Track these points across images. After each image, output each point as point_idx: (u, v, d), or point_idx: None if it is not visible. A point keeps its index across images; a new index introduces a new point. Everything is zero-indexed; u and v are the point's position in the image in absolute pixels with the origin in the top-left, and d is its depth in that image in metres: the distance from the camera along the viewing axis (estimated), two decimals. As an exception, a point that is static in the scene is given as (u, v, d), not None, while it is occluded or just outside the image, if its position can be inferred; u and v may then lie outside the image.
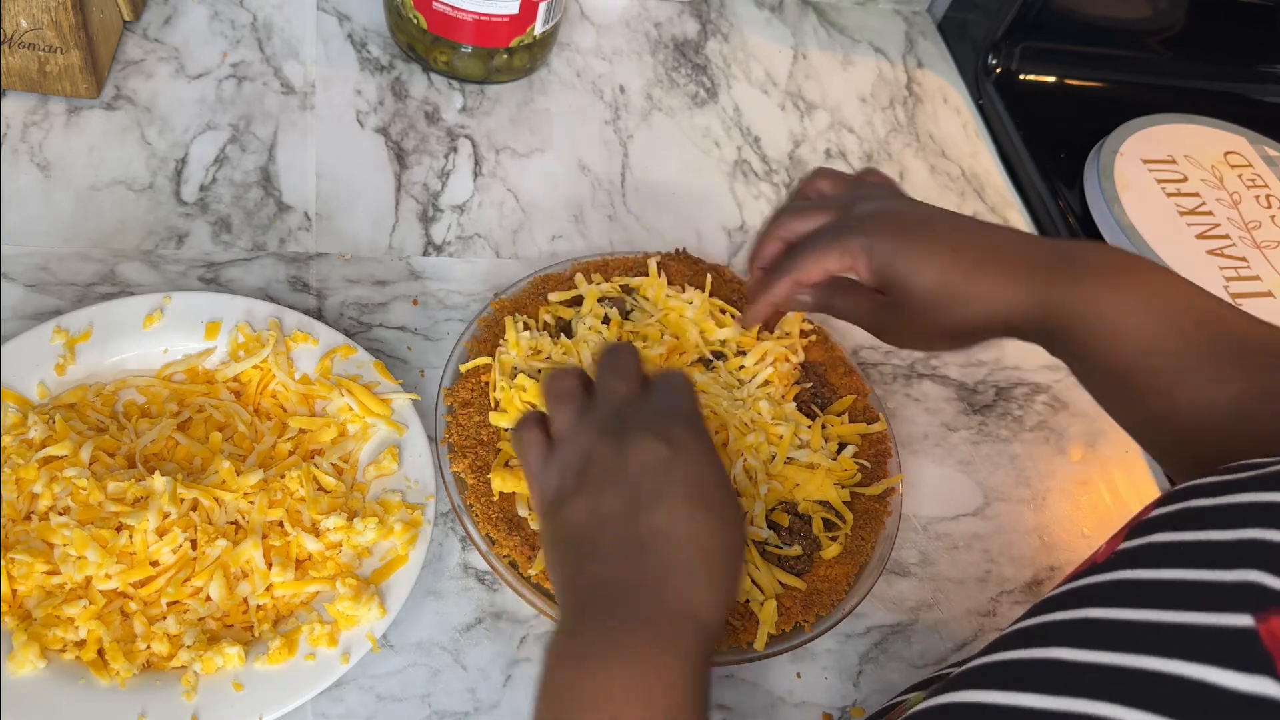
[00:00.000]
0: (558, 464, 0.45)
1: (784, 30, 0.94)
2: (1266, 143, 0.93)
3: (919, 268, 0.50)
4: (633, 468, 0.43)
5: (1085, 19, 0.95)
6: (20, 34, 0.62)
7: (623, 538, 0.42)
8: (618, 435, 0.44)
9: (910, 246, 0.50)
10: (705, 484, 0.44)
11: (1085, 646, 0.31)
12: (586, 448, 0.45)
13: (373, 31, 0.80)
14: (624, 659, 0.39)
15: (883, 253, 0.50)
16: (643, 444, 0.44)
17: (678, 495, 0.43)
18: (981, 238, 0.51)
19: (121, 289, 0.61)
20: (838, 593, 0.56)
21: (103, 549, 0.48)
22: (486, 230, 0.71)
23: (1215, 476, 0.35)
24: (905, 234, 0.51)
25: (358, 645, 0.50)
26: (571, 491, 0.44)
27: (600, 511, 0.43)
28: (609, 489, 0.43)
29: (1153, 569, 0.33)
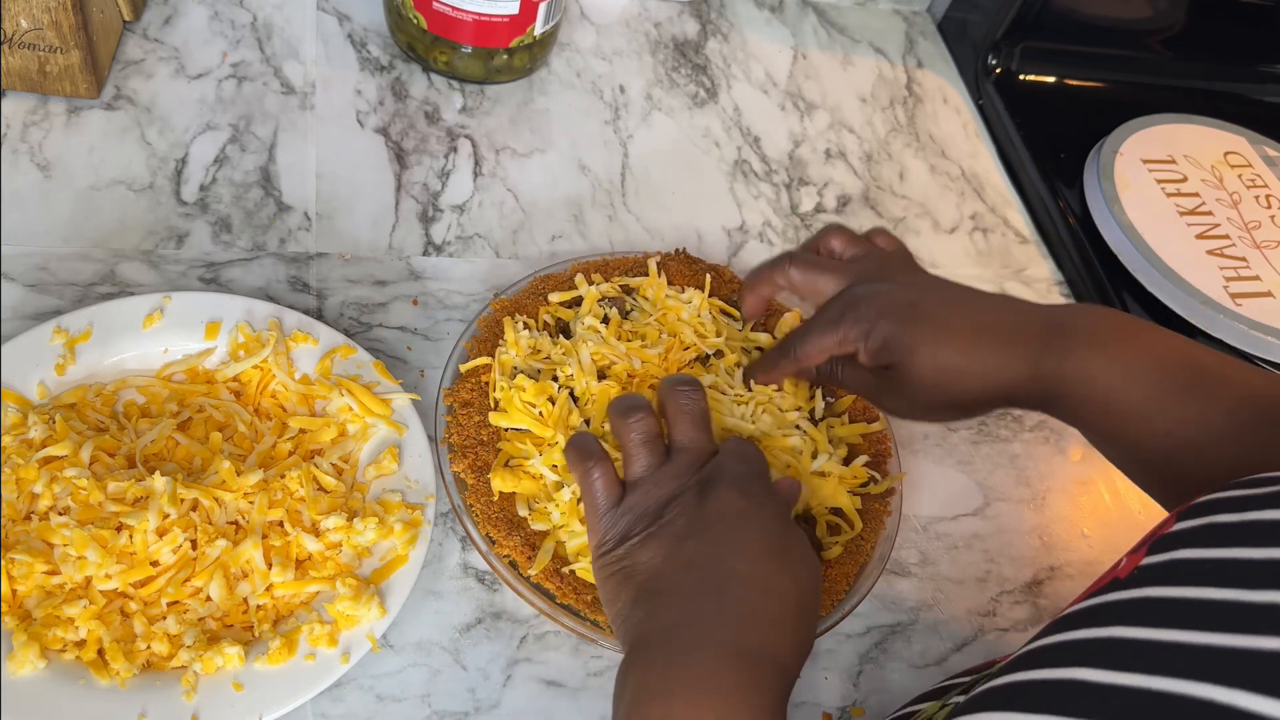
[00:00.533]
0: (632, 508, 0.47)
1: (784, 30, 0.94)
2: (1266, 143, 0.93)
3: (916, 351, 0.51)
4: (712, 516, 0.46)
5: (1085, 19, 0.95)
6: (20, 34, 0.62)
7: (702, 581, 0.44)
8: (700, 485, 0.47)
9: (906, 330, 0.52)
10: (782, 538, 0.46)
11: (1110, 668, 0.31)
12: (666, 495, 0.47)
13: (373, 31, 0.80)
14: (713, 692, 0.41)
15: (879, 337, 0.52)
16: (723, 495, 0.46)
17: (756, 545, 0.45)
18: (974, 313, 0.53)
19: (121, 289, 0.61)
20: (838, 593, 0.56)
21: (103, 549, 0.48)
22: (486, 230, 0.71)
23: (1237, 491, 0.35)
24: (902, 316, 0.52)
25: (358, 645, 0.50)
26: (647, 534, 0.46)
27: (680, 556, 0.45)
28: (688, 536, 0.45)
29: (1178, 587, 0.32)
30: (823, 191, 0.83)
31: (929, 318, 0.52)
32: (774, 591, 0.44)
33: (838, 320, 0.54)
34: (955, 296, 0.54)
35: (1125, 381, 0.49)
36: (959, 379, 0.51)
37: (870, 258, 0.57)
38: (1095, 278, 0.80)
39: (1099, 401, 0.50)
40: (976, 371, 0.51)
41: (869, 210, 0.82)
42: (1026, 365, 0.51)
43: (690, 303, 0.64)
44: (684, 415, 0.51)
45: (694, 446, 0.50)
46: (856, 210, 0.82)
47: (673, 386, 0.52)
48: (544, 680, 0.53)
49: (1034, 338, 0.51)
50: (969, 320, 0.52)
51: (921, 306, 0.53)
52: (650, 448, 0.49)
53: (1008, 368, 0.51)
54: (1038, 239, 0.85)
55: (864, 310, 0.53)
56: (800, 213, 0.80)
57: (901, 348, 0.52)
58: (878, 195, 0.84)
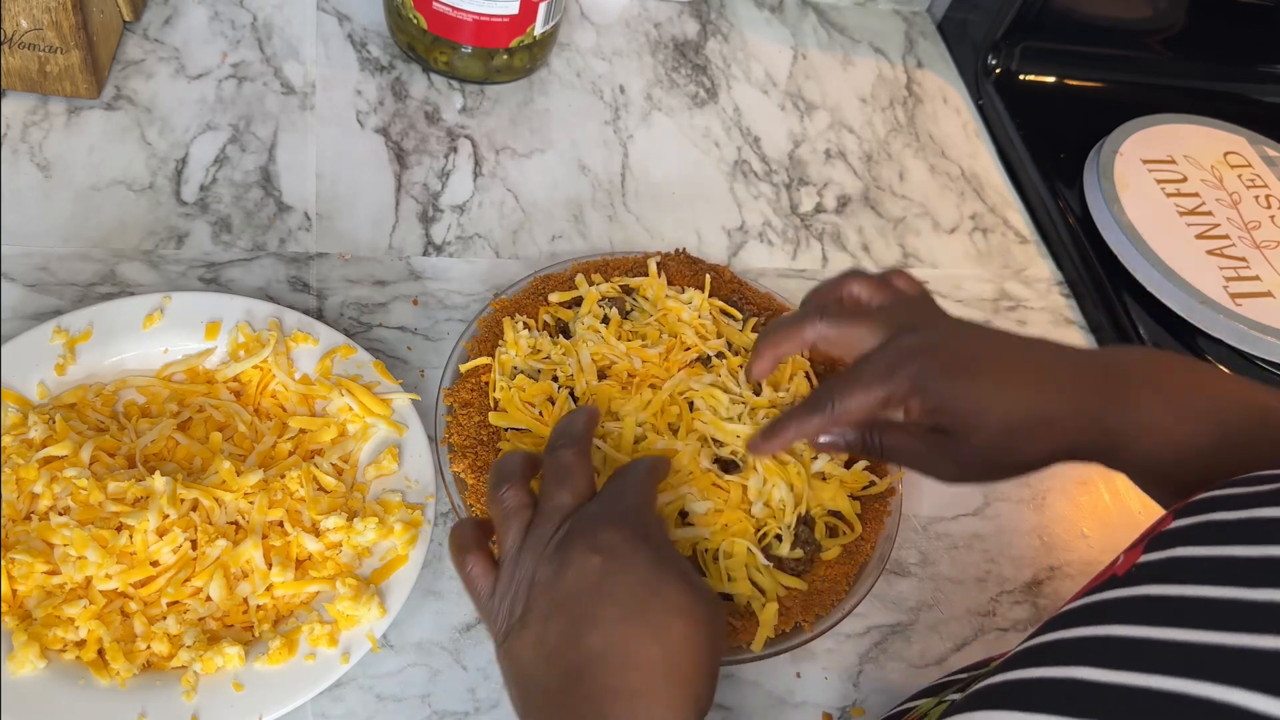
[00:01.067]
0: (503, 593, 0.44)
1: (784, 30, 0.94)
2: (1266, 143, 0.93)
3: (984, 409, 0.47)
4: (569, 589, 0.42)
5: (1085, 19, 0.95)
6: (20, 34, 0.62)
7: (563, 672, 0.41)
8: (556, 554, 0.43)
9: (969, 387, 0.48)
10: (643, 590, 0.42)
11: (1108, 666, 0.31)
12: (528, 573, 0.43)
13: (373, 31, 0.80)
14: None
15: (940, 393, 0.48)
16: (577, 561, 0.42)
17: (612, 610, 0.41)
18: (1033, 363, 0.49)
19: (121, 289, 0.61)
20: (838, 593, 0.56)
21: (103, 549, 0.48)
22: (486, 230, 0.71)
23: (1235, 489, 0.34)
24: (960, 373, 0.48)
25: (358, 645, 0.50)
26: (518, 625, 0.43)
27: (545, 644, 0.42)
28: (550, 618, 0.42)
29: (1176, 585, 0.32)
30: (823, 191, 0.83)
31: (990, 371, 0.48)
32: (631, 664, 0.40)
33: (887, 374, 0.49)
34: (1008, 346, 0.50)
35: (1193, 430, 0.46)
36: (1025, 438, 0.47)
37: (901, 304, 0.54)
38: (1095, 278, 0.80)
39: (1166, 453, 0.47)
40: (1042, 430, 0.47)
41: (869, 210, 0.82)
42: (1091, 418, 0.47)
43: (690, 303, 0.64)
44: (548, 477, 0.46)
45: (554, 508, 0.45)
46: (856, 210, 0.82)
47: (548, 448, 0.48)
48: (544, 680, 0.53)
49: (1096, 387, 0.48)
50: (1029, 372, 0.48)
51: (981, 359, 0.49)
52: (517, 519, 0.46)
53: (1074, 422, 0.47)
54: (1038, 239, 0.85)
55: (915, 366, 0.48)
56: (800, 213, 0.80)
57: (963, 409, 0.47)
58: (878, 195, 0.84)
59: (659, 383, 0.60)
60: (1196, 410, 0.47)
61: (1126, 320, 0.77)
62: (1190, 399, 0.48)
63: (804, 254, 0.78)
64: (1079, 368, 0.49)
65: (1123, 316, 0.78)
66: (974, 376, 0.48)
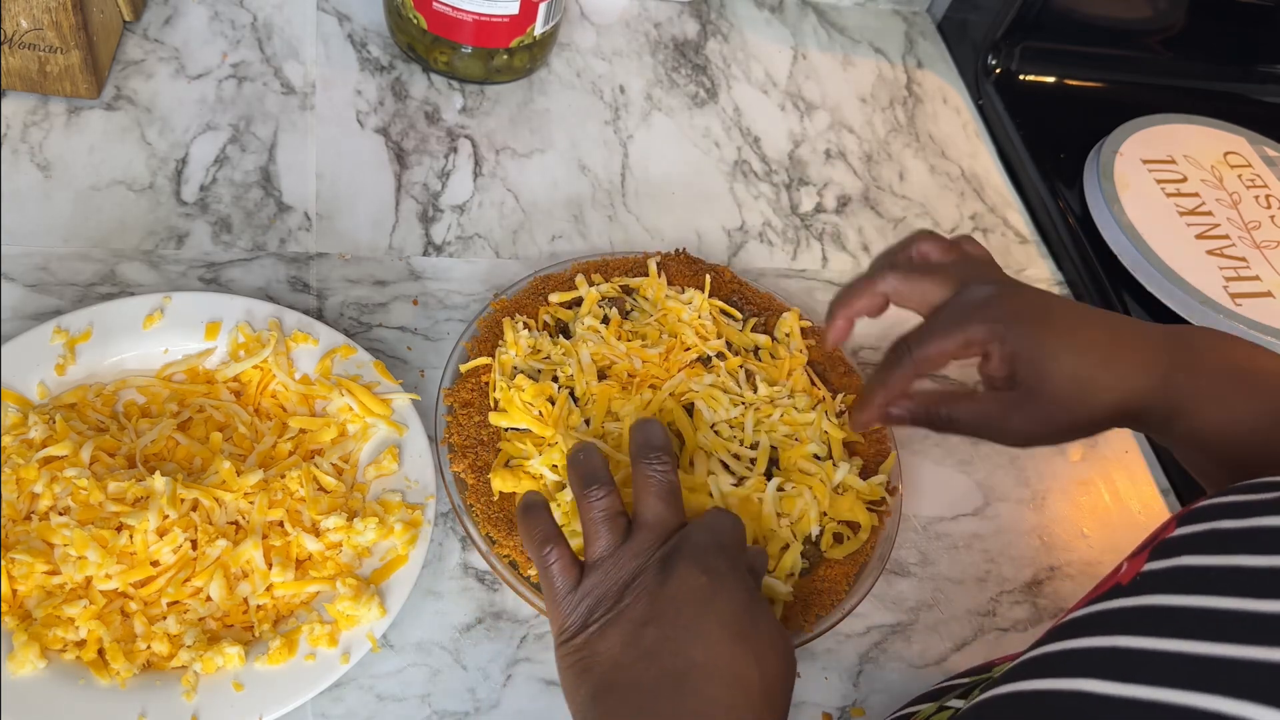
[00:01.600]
0: (588, 591, 0.45)
1: (784, 30, 0.94)
2: (1266, 143, 0.93)
3: (1058, 355, 0.47)
4: (672, 600, 0.43)
5: (1085, 19, 0.95)
6: (20, 34, 0.62)
7: (662, 673, 0.42)
8: (662, 566, 0.44)
9: (1044, 333, 0.48)
10: (746, 617, 0.43)
11: (1116, 679, 0.31)
12: (626, 576, 0.45)
13: (373, 32, 0.80)
14: None
15: (1016, 339, 0.48)
16: (683, 573, 0.43)
17: (718, 629, 0.42)
18: (1103, 322, 0.50)
19: (121, 289, 0.61)
20: (837, 593, 0.56)
21: (103, 549, 0.48)
22: (486, 230, 0.71)
23: (1239, 495, 0.34)
24: (1036, 320, 0.48)
25: (358, 645, 0.50)
26: (606, 621, 0.44)
27: (639, 645, 0.42)
28: (647, 621, 0.43)
29: (1182, 595, 0.32)
30: (822, 192, 0.83)
31: (1062, 324, 0.48)
32: (736, 682, 0.42)
33: (963, 321, 0.49)
34: (1078, 306, 0.51)
35: (1253, 408, 0.46)
36: (1095, 390, 0.48)
37: (970, 262, 0.54)
38: (1095, 278, 0.80)
39: (1224, 426, 0.47)
40: (1112, 383, 0.48)
41: (869, 210, 0.82)
42: (1157, 378, 0.47)
43: (690, 303, 0.64)
44: (649, 489, 0.47)
45: (658, 522, 0.47)
46: (856, 210, 0.82)
47: (641, 457, 0.49)
48: (544, 680, 0.53)
49: (1165, 349, 0.48)
50: (1100, 329, 0.49)
51: (1053, 312, 0.49)
52: (611, 525, 0.47)
53: (1140, 380, 0.48)
54: (1037, 239, 0.85)
55: (993, 311, 0.49)
56: (800, 213, 0.80)
57: (1038, 355, 0.47)
58: (878, 195, 0.84)
59: (659, 383, 0.60)
60: (1260, 387, 0.47)
61: (1126, 320, 0.78)
62: (1255, 377, 0.48)
63: (804, 254, 0.78)
64: (1149, 332, 0.50)
65: (1123, 316, 0.78)
66: (1047, 323, 0.48)
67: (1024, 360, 0.48)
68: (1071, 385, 0.48)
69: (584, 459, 0.49)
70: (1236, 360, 0.49)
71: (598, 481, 0.48)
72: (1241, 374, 0.48)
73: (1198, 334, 0.51)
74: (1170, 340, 0.49)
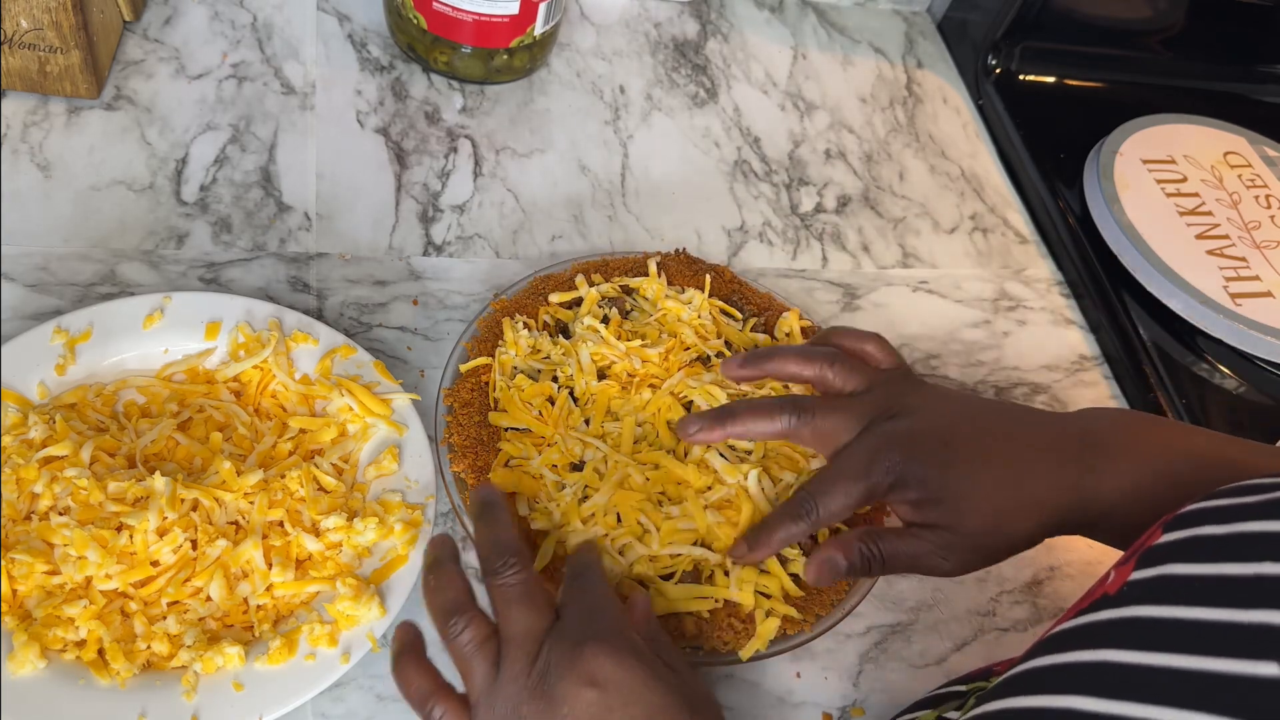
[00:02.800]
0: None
1: (784, 30, 0.94)
2: (1266, 143, 0.93)
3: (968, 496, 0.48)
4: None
5: (1085, 19, 0.95)
6: (20, 34, 0.62)
7: None
8: (542, 690, 0.40)
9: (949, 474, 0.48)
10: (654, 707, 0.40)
11: (1105, 695, 0.30)
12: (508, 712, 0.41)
13: (373, 32, 0.80)
14: None
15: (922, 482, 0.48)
16: (569, 697, 0.40)
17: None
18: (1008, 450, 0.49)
19: (121, 289, 0.61)
20: (838, 592, 0.56)
21: (103, 549, 0.48)
22: (486, 230, 0.71)
23: (1224, 500, 0.34)
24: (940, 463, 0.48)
25: (358, 645, 0.50)
26: None
27: None
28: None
29: (1168, 606, 0.32)
30: (823, 192, 0.83)
31: (965, 463, 0.48)
32: None
33: (866, 470, 0.49)
34: (980, 429, 0.50)
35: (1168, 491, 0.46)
36: (1014, 516, 0.48)
37: (877, 387, 0.53)
38: (1095, 278, 0.80)
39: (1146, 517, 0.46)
40: (1027, 508, 0.48)
41: (869, 210, 0.82)
42: (1071, 487, 0.48)
43: (690, 303, 0.64)
44: (506, 600, 0.44)
45: (525, 634, 0.42)
46: (856, 210, 0.82)
47: (488, 570, 0.45)
48: (544, 680, 0.53)
49: (1073, 457, 0.48)
50: (1004, 458, 0.49)
51: (957, 450, 0.49)
52: (482, 655, 0.43)
53: (1055, 496, 0.48)
54: (1037, 239, 0.85)
55: (898, 454, 0.49)
56: (800, 213, 0.80)
57: (946, 497, 0.48)
58: (878, 195, 0.84)
59: (659, 383, 0.60)
60: (1171, 470, 0.48)
61: (1126, 320, 0.77)
62: (1164, 458, 0.48)
63: (804, 254, 0.78)
64: (1054, 438, 0.50)
65: (1122, 316, 0.78)
66: (951, 464, 0.48)
67: (934, 503, 0.48)
68: (988, 520, 0.48)
69: (438, 593, 0.45)
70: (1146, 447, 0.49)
71: (454, 612, 0.44)
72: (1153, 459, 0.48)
73: (1106, 427, 0.50)
74: (1077, 444, 0.49)
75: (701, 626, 0.53)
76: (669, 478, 0.56)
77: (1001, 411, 0.52)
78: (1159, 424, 0.50)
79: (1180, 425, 0.49)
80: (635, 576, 0.54)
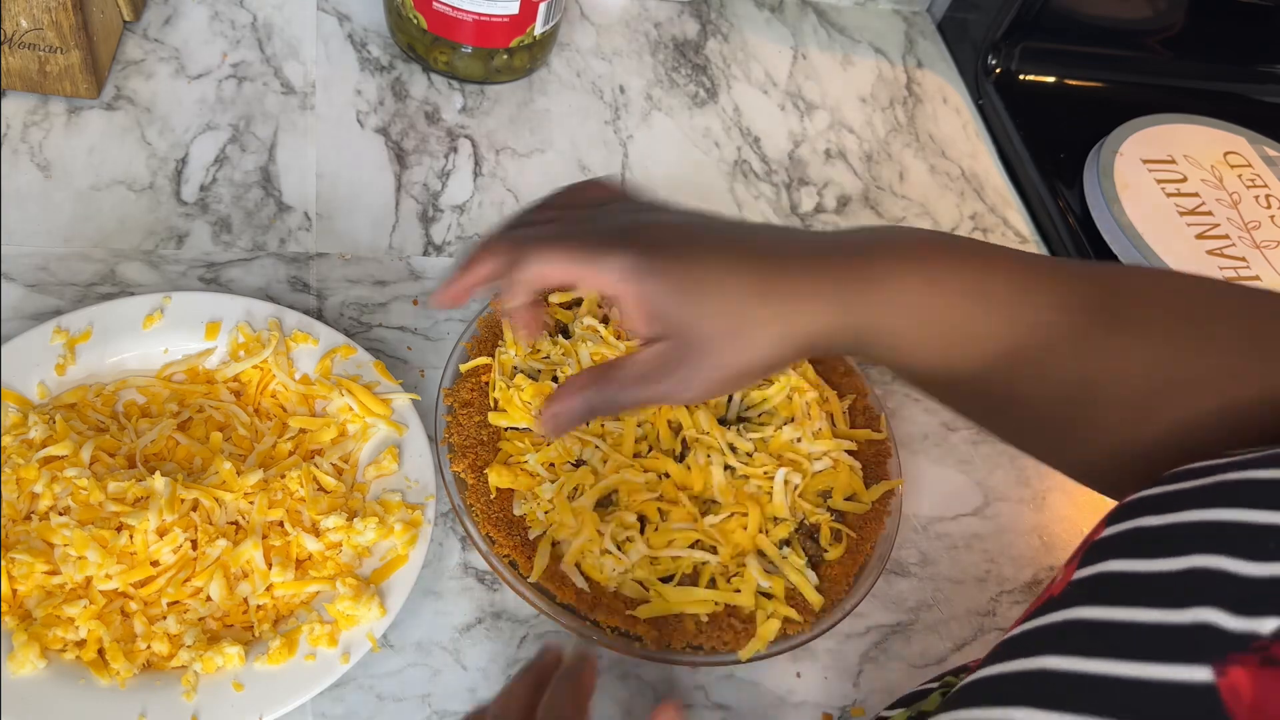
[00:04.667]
0: None
1: (784, 30, 0.94)
2: (1266, 143, 0.93)
3: (710, 297, 0.39)
4: None
5: (1085, 19, 0.95)
6: (20, 34, 0.62)
7: None
8: None
9: (693, 272, 0.39)
10: None
11: (1045, 707, 0.29)
12: None
13: (373, 31, 0.80)
14: None
15: (661, 276, 0.39)
16: None
17: None
18: (766, 249, 0.41)
19: (121, 289, 0.61)
20: (838, 592, 0.56)
21: (103, 549, 0.48)
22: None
23: (1167, 486, 0.33)
24: (679, 255, 0.39)
25: (358, 645, 0.50)
26: None
27: None
28: None
29: (1106, 607, 0.30)
30: (823, 191, 0.83)
31: (713, 252, 0.40)
32: None
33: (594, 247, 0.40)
34: (740, 230, 0.42)
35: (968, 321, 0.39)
36: (759, 326, 0.39)
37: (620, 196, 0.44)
38: (1095, 278, 0.80)
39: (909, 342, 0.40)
40: (782, 316, 0.39)
41: (869, 210, 0.82)
42: (837, 303, 0.39)
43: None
44: None
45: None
46: (857, 210, 0.82)
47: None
48: (544, 680, 0.53)
49: (841, 268, 0.40)
50: (762, 255, 0.40)
51: (701, 239, 0.40)
52: None
53: (817, 307, 0.39)
54: (1038, 239, 0.85)
55: (628, 241, 0.39)
56: (800, 212, 0.80)
57: (684, 291, 0.39)
58: (878, 195, 0.84)
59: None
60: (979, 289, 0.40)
61: (1126, 320, 0.77)
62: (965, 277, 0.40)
63: (804, 254, 0.78)
64: (828, 247, 0.41)
65: (1123, 316, 0.78)
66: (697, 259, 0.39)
67: (671, 301, 0.39)
68: (730, 323, 0.39)
69: None
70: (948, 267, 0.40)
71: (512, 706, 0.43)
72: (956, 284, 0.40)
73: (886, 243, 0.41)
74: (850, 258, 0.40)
75: (702, 627, 0.53)
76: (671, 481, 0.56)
77: (768, 227, 0.43)
78: (964, 245, 0.41)
79: (998, 247, 0.41)
80: (636, 578, 0.54)
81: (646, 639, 0.52)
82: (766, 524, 0.57)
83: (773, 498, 0.57)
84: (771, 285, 0.39)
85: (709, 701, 0.54)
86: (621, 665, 0.54)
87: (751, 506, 0.56)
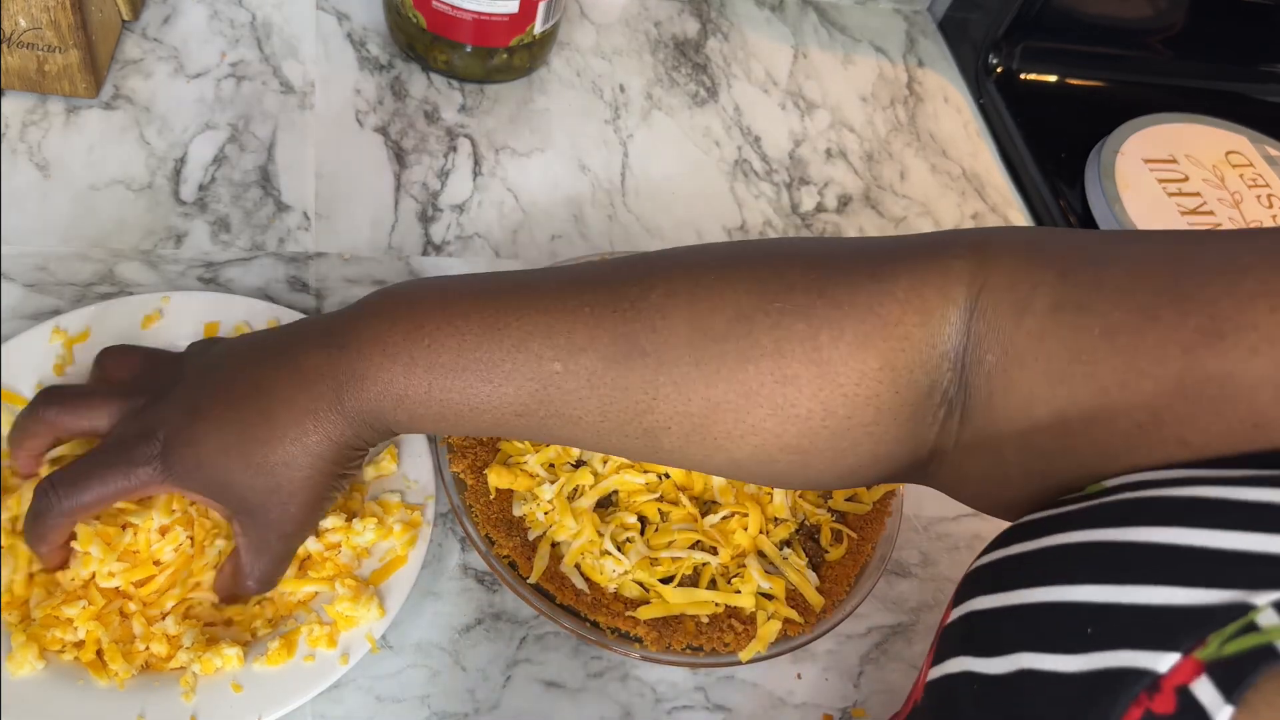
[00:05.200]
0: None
1: (784, 30, 0.94)
2: (1268, 142, 0.93)
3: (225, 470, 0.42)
4: None
5: (1086, 18, 0.95)
6: (19, 33, 0.62)
7: None
8: None
9: (205, 449, 0.42)
10: None
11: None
12: None
13: (372, 31, 0.80)
14: None
15: (185, 483, 0.43)
16: None
17: None
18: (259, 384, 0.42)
19: (120, 289, 0.61)
20: (838, 593, 0.56)
21: (106, 545, 0.48)
22: (486, 230, 0.71)
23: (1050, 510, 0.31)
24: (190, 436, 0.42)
25: (357, 646, 0.49)
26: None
27: None
28: None
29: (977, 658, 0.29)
30: (823, 191, 0.82)
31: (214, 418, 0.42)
32: None
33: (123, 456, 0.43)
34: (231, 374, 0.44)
35: None
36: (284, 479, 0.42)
37: (145, 370, 0.49)
38: (1096, 277, 0.80)
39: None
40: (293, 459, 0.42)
41: (870, 210, 0.82)
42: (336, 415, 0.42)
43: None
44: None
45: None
46: (857, 210, 0.82)
47: None
48: (544, 681, 0.53)
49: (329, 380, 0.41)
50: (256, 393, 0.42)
51: (202, 410, 0.43)
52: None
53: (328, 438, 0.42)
54: (1039, 238, 0.85)
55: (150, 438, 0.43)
56: (801, 212, 0.80)
57: (205, 473, 0.42)
58: (878, 195, 0.84)
59: None
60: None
61: (1128, 320, 0.77)
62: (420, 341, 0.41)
63: (804, 253, 0.77)
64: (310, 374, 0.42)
65: (1124, 316, 0.78)
66: (204, 435, 0.42)
67: (212, 491, 0.43)
68: (260, 493, 0.42)
69: None
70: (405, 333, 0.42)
71: None
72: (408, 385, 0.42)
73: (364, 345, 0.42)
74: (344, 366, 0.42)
75: (702, 628, 0.53)
76: (671, 482, 0.56)
77: (256, 349, 0.44)
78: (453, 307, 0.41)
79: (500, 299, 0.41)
80: (636, 579, 0.54)
81: (646, 640, 0.52)
82: (767, 525, 0.56)
83: (773, 498, 0.57)
84: (270, 434, 0.41)
85: (709, 703, 0.54)
86: (622, 666, 0.54)
87: (752, 507, 0.56)
